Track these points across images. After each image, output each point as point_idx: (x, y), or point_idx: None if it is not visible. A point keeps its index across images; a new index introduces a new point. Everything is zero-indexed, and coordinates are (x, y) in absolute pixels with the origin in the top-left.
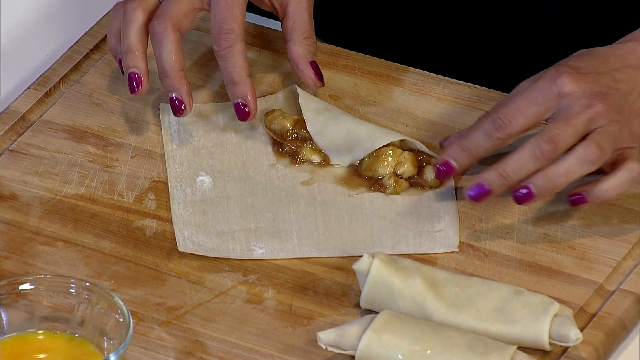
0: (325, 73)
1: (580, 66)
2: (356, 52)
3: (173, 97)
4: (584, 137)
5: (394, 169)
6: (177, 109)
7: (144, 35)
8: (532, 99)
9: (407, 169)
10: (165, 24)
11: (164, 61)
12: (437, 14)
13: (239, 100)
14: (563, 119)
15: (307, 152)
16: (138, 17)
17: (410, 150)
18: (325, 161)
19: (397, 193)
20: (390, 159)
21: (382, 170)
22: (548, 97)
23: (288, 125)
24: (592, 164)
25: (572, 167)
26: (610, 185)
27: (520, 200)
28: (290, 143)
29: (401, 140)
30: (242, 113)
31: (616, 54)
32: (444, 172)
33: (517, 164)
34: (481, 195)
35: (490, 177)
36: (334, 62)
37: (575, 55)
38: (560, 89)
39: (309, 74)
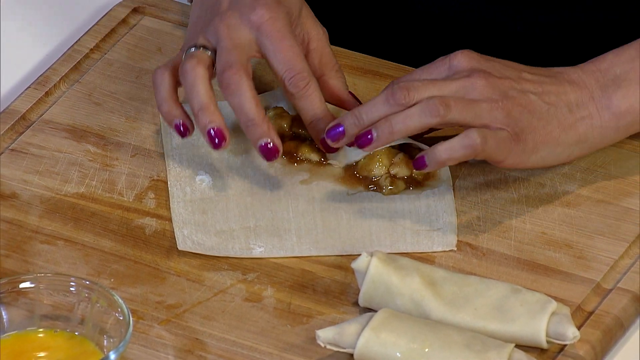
0: None
1: (487, 56)
2: (355, 52)
3: (263, 144)
4: None
5: (388, 169)
6: (272, 154)
7: (211, 91)
8: (426, 69)
9: (401, 169)
10: (239, 73)
11: (247, 110)
12: (434, 16)
13: (325, 136)
14: (435, 81)
15: (305, 151)
16: (202, 74)
17: (406, 146)
18: (324, 159)
19: (394, 193)
20: (384, 159)
21: (377, 171)
22: (439, 71)
23: (285, 125)
24: (432, 117)
25: (411, 115)
26: (443, 147)
27: (361, 144)
28: (288, 142)
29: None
30: (329, 149)
31: (548, 69)
32: (334, 136)
33: (369, 106)
34: (335, 135)
35: (346, 118)
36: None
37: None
38: (451, 61)
39: (354, 103)
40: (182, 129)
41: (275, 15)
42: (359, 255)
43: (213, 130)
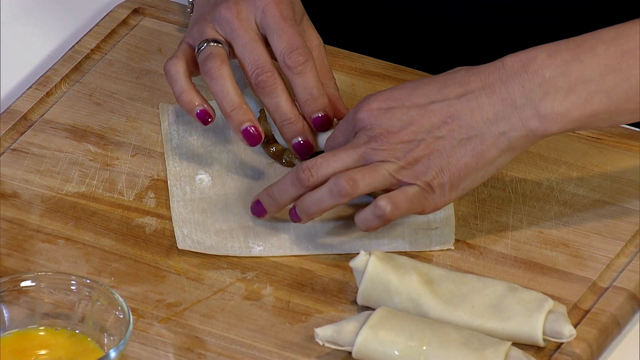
0: None
1: (392, 96)
2: (353, 52)
3: (299, 142)
4: None
5: None
6: (307, 152)
7: (238, 88)
8: (335, 137)
9: None
10: (273, 75)
11: (284, 110)
12: (432, 20)
13: (319, 114)
14: (336, 154)
15: (289, 154)
16: (227, 73)
17: None
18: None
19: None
20: None
21: None
22: (348, 131)
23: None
24: (342, 197)
25: (322, 198)
26: (359, 218)
27: (293, 219)
28: (275, 145)
29: None
30: (324, 124)
31: (463, 78)
32: (257, 212)
33: (280, 187)
34: (258, 212)
35: (262, 196)
36: (332, 62)
37: (415, 81)
38: (355, 124)
39: (342, 110)
40: (205, 116)
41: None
42: (357, 254)
43: (251, 128)
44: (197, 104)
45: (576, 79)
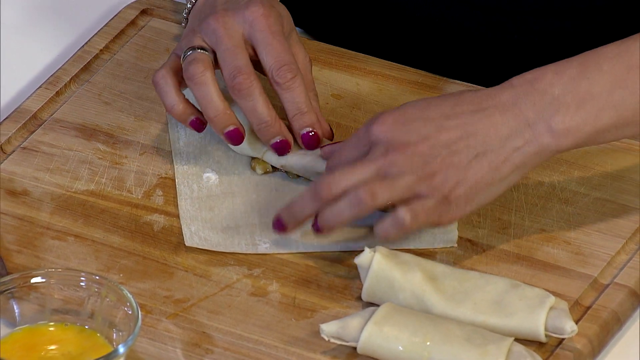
0: (327, 73)
1: (407, 112)
2: (358, 53)
3: (277, 141)
4: None
5: None
6: (285, 149)
7: (221, 93)
8: (348, 145)
9: None
10: (250, 77)
11: (260, 113)
12: (433, 20)
13: (308, 130)
14: (354, 167)
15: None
16: (210, 78)
17: None
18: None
19: None
20: None
21: None
22: (361, 145)
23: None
24: (361, 209)
25: (342, 210)
26: (379, 228)
27: (315, 231)
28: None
29: None
30: (311, 141)
31: (474, 97)
32: (279, 228)
33: (300, 203)
34: (279, 228)
35: (283, 213)
36: (337, 62)
37: (427, 99)
38: (369, 135)
39: (325, 126)
40: (199, 125)
41: (269, 13)
42: (362, 251)
43: (231, 132)
44: (189, 113)
45: (585, 95)
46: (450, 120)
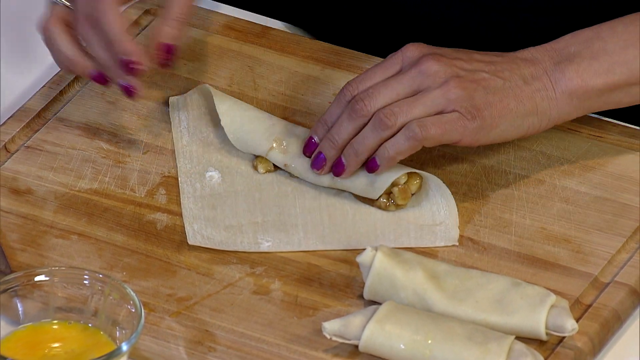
0: (329, 72)
1: (438, 47)
2: (359, 52)
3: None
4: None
5: (388, 195)
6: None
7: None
8: (381, 66)
9: (398, 197)
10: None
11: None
12: (433, 19)
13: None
14: (386, 82)
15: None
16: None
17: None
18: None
19: (390, 210)
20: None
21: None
22: (393, 61)
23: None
24: (383, 130)
25: (366, 134)
26: (389, 144)
27: (336, 172)
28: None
29: None
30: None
31: (501, 52)
32: (318, 164)
33: (337, 127)
34: (319, 163)
35: (323, 146)
36: (338, 62)
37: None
38: (403, 54)
39: (154, 53)
40: (101, 78)
41: None
42: (364, 249)
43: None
44: (89, 65)
45: (599, 50)
46: (479, 55)
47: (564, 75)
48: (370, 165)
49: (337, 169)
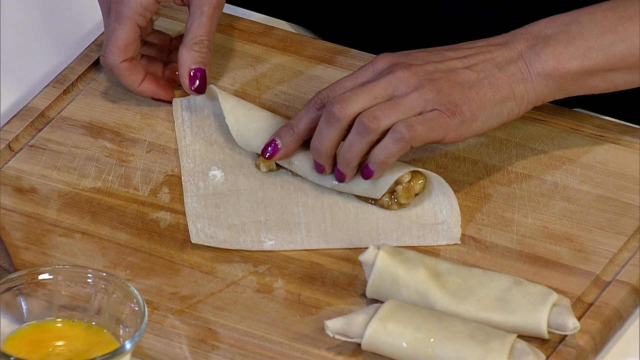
0: (332, 72)
1: (408, 51)
2: (362, 52)
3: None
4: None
5: (391, 194)
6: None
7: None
8: (352, 76)
9: (402, 197)
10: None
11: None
12: (435, 16)
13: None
14: (362, 86)
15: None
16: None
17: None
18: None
19: (393, 210)
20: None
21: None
22: (365, 72)
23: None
24: (367, 134)
25: (352, 141)
26: (379, 149)
27: (337, 179)
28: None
29: None
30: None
31: (468, 43)
32: (271, 153)
33: (318, 136)
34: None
35: (315, 155)
36: (342, 61)
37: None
38: (374, 66)
39: (184, 81)
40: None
41: None
42: (367, 248)
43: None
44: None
45: (575, 34)
46: (451, 52)
47: (540, 57)
48: (364, 172)
49: (338, 177)
